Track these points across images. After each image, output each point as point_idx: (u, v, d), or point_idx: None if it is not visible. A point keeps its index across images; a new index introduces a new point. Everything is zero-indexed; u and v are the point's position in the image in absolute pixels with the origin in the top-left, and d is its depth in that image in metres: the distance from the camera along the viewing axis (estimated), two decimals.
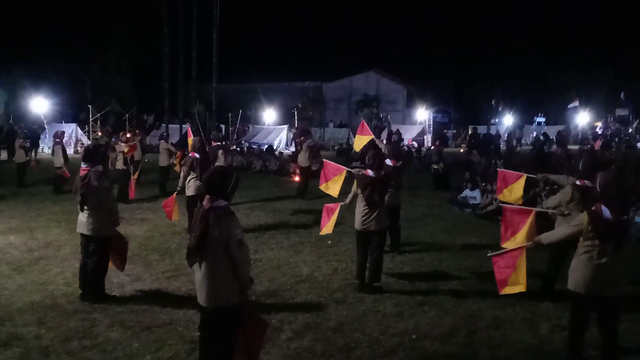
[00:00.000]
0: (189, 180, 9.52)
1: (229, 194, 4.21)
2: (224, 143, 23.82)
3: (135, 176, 15.23)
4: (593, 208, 4.54)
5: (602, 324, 4.60)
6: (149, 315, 5.92)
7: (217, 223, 4.03)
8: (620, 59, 42.96)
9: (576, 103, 40.33)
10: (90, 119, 31.53)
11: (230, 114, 33.96)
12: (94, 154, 6.53)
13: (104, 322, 5.74)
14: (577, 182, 6.19)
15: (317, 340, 5.34)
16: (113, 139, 16.05)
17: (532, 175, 8.27)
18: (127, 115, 33.88)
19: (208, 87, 35.30)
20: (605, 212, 4.42)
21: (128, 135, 17.09)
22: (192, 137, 11.24)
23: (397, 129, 32.21)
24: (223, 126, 35.36)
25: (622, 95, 38.36)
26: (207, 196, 4.18)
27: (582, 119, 41.16)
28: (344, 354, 5.08)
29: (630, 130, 36.61)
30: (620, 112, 39.69)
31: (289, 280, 7.20)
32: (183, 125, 32.49)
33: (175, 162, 14.36)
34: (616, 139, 31.82)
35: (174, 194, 9.54)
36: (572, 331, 4.76)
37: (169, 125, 32.75)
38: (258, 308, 5.79)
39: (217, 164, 11.09)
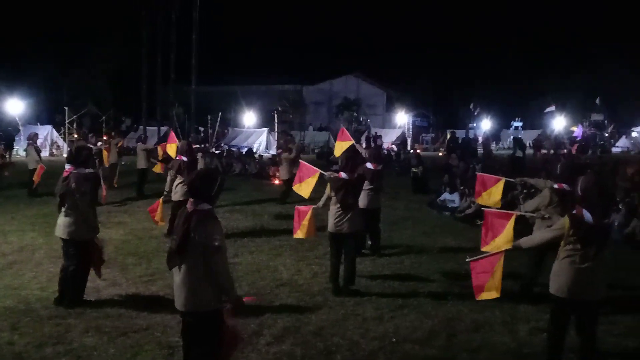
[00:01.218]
0: (177, 185, 9.30)
1: (213, 197, 4.14)
2: (203, 146, 23.66)
3: (115, 181, 15.07)
4: (574, 212, 4.50)
5: (581, 327, 4.61)
6: (125, 321, 5.81)
7: (198, 227, 3.96)
8: (596, 64, 43.81)
9: (552, 108, 40.93)
10: (67, 121, 31.05)
11: (209, 117, 33.71)
12: (78, 156, 6.44)
13: (79, 327, 5.61)
14: (555, 186, 6.26)
15: (297, 344, 5.29)
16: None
17: (510, 179, 8.35)
18: (104, 118, 33.46)
19: (187, 89, 35.02)
20: (587, 216, 4.38)
21: (105, 138, 16.89)
22: (176, 141, 10.96)
23: (376, 132, 32.39)
24: (202, 129, 35.09)
25: (597, 101, 39.06)
26: (191, 199, 4.10)
27: (559, 123, 41.82)
28: (324, 358, 5.04)
29: (605, 135, 37.30)
30: (596, 117, 40.39)
31: (268, 284, 7.14)
32: (161, 128, 32.17)
33: (154, 161, 14.19)
34: (592, 144, 32.36)
35: (161, 199, 9.34)
36: (553, 335, 4.76)
37: (147, 128, 32.38)
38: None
39: (198, 167, 10.97)
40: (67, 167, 6.34)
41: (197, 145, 12.87)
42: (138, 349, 5.14)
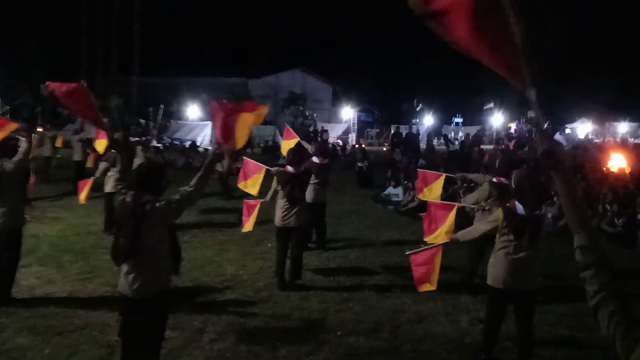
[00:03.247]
0: (109, 177, 9.12)
1: (160, 191, 3.97)
2: (143, 139, 23.03)
3: (50, 174, 14.45)
4: (507, 204, 4.70)
5: (519, 316, 4.78)
6: (62, 320, 5.58)
7: (149, 217, 3.76)
8: (531, 62, 45.51)
9: (491, 104, 42.30)
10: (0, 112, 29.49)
11: (151, 109, 32.80)
12: (3, 146, 6.13)
13: (12, 327, 5.34)
14: (494, 180, 6.45)
15: (242, 340, 5.23)
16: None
17: (450, 175, 8.56)
18: (40, 108, 31.97)
19: (129, 80, 33.96)
20: (519, 208, 4.57)
21: (40, 130, 16.16)
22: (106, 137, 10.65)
23: (322, 127, 32.45)
24: (143, 121, 34.11)
25: None
26: (133, 192, 3.84)
27: (497, 120, 43.26)
28: (270, 354, 5.00)
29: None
30: (532, 113, 41.99)
31: (212, 280, 7.03)
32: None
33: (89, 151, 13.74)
34: (528, 139, 33.63)
35: (92, 178, 9.24)
36: (489, 323, 4.92)
37: None
38: (179, 308, 5.64)
39: (135, 160, 10.65)
40: None
41: (138, 139, 12.44)
42: (75, 349, 4.95)
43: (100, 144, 10.61)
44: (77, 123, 27.92)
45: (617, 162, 15.30)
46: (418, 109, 42.59)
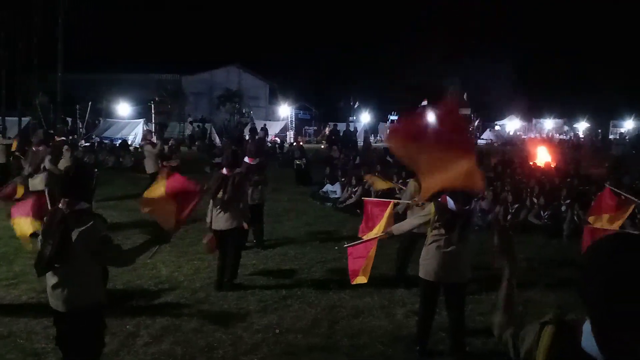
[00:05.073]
0: (35, 177, 8.70)
1: (90, 194, 3.76)
2: (70, 138, 22.11)
3: None
4: (439, 199, 4.84)
5: (450, 308, 4.93)
6: None
7: (79, 228, 3.49)
8: (463, 61, 47.17)
9: (425, 102, 43.39)
10: None
11: (78, 107, 31.40)
12: None
13: None
14: None
15: (177, 343, 5.10)
16: None
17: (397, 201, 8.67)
18: None
19: (53, 76, 32.32)
20: (450, 203, 4.72)
21: None
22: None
23: (265, 125, 32.31)
24: (70, 119, 32.64)
25: (464, 96, 42.10)
26: (65, 199, 3.57)
27: (432, 117, 44.52)
28: (206, 355, 4.91)
29: (471, 129, 40.32)
30: (463, 111, 43.57)
31: (146, 282, 6.82)
32: (23, 118, 29.57)
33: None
34: None
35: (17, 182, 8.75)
36: (422, 316, 5.04)
37: (6, 118, 29.55)
38: (110, 313, 5.42)
39: (62, 161, 10.18)
40: None
41: (63, 138, 11.85)
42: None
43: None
44: None
45: (543, 157, 16.09)
46: (355, 106, 43.14)
